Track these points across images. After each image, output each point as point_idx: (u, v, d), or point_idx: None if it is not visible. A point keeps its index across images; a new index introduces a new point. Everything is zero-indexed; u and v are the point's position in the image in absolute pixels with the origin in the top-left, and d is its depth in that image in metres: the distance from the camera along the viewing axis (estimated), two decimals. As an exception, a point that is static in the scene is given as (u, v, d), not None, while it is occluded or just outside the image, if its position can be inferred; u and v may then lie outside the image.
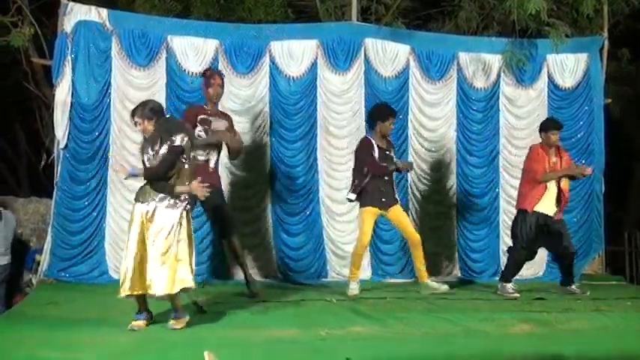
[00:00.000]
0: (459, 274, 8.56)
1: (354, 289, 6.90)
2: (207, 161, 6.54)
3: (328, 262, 8.17)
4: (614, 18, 9.49)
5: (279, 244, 8.02)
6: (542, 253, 8.62)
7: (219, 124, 6.66)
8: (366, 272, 8.16)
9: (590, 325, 5.59)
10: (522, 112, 8.85)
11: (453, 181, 8.67)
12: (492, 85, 8.79)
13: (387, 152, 7.16)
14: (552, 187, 7.20)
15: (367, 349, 4.67)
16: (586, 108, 8.93)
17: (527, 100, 8.86)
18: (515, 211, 7.47)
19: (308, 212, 8.19)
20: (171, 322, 5.05)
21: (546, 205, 7.20)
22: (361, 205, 7.03)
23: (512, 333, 5.25)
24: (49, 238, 7.45)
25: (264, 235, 8.03)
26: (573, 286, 7.35)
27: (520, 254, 7.29)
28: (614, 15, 9.33)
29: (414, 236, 7.04)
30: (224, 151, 6.87)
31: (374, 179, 6.96)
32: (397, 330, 5.20)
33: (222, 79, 6.79)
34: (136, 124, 5.22)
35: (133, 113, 5.22)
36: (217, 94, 6.73)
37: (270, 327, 5.12)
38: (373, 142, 7.08)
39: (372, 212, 6.97)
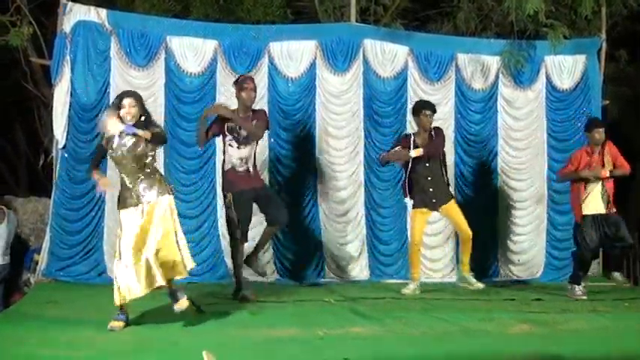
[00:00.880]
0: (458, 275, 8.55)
1: (408, 288, 7.12)
2: (247, 170, 6.43)
3: (326, 263, 8.17)
4: (612, 19, 9.50)
5: (277, 244, 8.03)
6: (541, 254, 8.66)
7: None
8: (364, 273, 8.18)
9: (588, 326, 5.59)
10: (520, 113, 8.86)
11: (450, 182, 8.64)
12: (491, 86, 8.80)
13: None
14: (593, 186, 7.16)
15: (366, 349, 4.68)
16: (584, 109, 8.95)
17: (526, 102, 8.87)
18: (513, 212, 7.47)
19: (306, 212, 8.20)
20: (178, 305, 5.08)
21: (593, 205, 7.16)
22: (412, 207, 7.30)
23: (511, 333, 5.25)
24: (47, 238, 7.46)
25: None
26: (617, 274, 7.35)
27: (585, 257, 7.21)
28: (612, 16, 9.34)
29: (466, 233, 7.21)
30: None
31: (417, 180, 7.15)
32: (396, 330, 5.21)
33: (254, 84, 6.64)
34: (123, 107, 5.12)
35: (125, 96, 5.18)
36: (250, 99, 6.54)
37: (268, 327, 5.12)
38: (412, 137, 7.24)
39: (421, 212, 7.18)
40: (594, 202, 7.18)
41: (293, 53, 8.21)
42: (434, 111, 7.28)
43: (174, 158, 7.84)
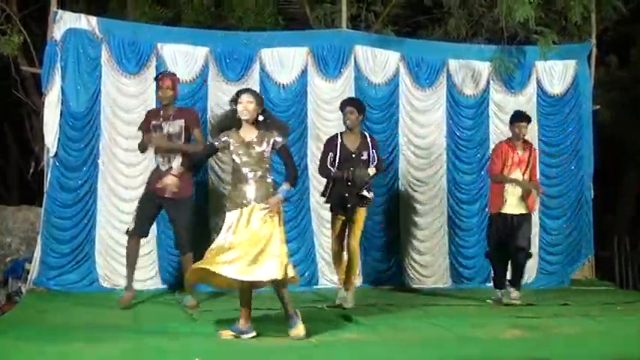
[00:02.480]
0: (450, 281, 8.57)
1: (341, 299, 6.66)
2: (169, 169, 6.30)
3: (319, 269, 8.16)
4: (603, 24, 9.55)
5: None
6: (534, 259, 8.67)
7: (172, 128, 6.56)
8: (357, 279, 8.17)
9: (580, 330, 5.61)
10: (512, 119, 8.87)
11: (443, 188, 8.68)
12: (482, 92, 8.83)
13: (354, 155, 6.69)
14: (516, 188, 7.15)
15: (358, 355, 4.68)
16: (575, 114, 8.99)
17: (517, 107, 8.84)
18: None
19: (299, 219, 8.19)
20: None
21: (511, 205, 7.15)
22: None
23: (503, 338, 5.26)
24: (38, 247, 7.41)
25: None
26: (512, 291, 7.12)
27: (493, 255, 7.34)
28: (602, 21, 9.39)
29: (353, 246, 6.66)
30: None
31: (336, 182, 6.64)
32: (388, 336, 5.21)
33: (173, 81, 6.66)
34: (241, 103, 5.11)
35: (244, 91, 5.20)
36: (166, 97, 6.59)
37: (261, 334, 5.10)
38: (339, 139, 6.77)
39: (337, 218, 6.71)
40: (514, 201, 7.15)
41: (284, 60, 8.21)
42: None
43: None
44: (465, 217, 8.68)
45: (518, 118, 7.35)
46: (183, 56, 7.91)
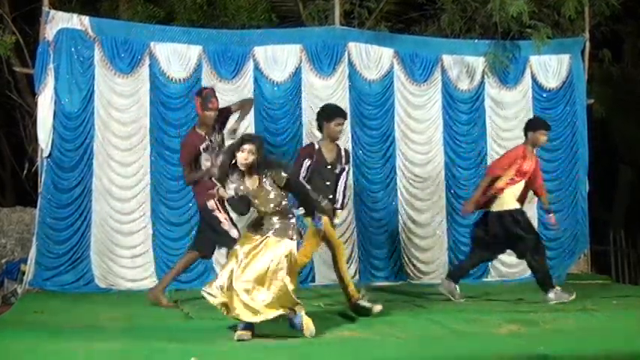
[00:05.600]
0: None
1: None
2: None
3: (316, 267, 8.15)
4: (595, 19, 9.56)
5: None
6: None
7: (218, 137, 6.49)
8: (354, 276, 8.17)
9: (576, 325, 5.61)
10: (508, 113, 8.89)
11: (441, 184, 8.68)
12: (477, 86, 8.84)
13: (330, 167, 6.24)
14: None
15: (355, 353, 4.67)
16: (570, 109, 8.99)
17: (513, 102, 8.91)
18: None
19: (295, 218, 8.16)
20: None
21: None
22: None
23: (499, 334, 5.26)
24: (33, 248, 7.41)
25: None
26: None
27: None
28: (595, 16, 9.40)
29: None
30: None
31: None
32: (385, 333, 5.20)
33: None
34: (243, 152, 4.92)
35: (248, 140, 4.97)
36: (212, 118, 6.42)
37: (257, 332, 5.09)
38: (315, 148, 6.27)
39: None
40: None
41: (278, 57, 8.20)
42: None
43: (160, 165, 7.80)
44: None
45: (544, 125, 7.06)
46: (177, 55, 7.90)
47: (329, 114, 6.34)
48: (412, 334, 5.20)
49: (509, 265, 8.68)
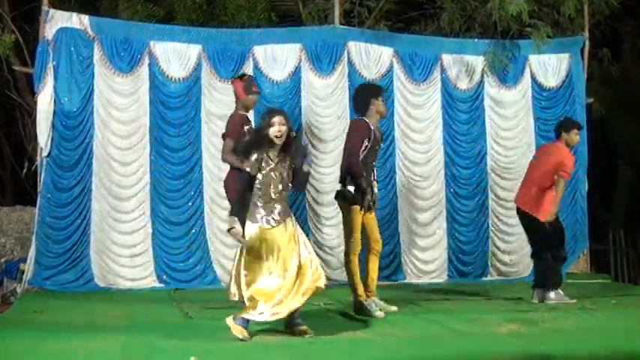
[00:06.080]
0: (448, 276, 8.57)
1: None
2: None
3: (315, 266, 8.14)
4: (595, 18, 9.56)
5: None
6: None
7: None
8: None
9: (576, 324, 5.61)
10: (508, 112, 8.89)
11: (441, 183, 8.68)
12: (476, 86, 8.83)
13: (378, 148, 6.23)
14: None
15: (355, 352, 4.67)
16: (569, 107, 8.99)
17: (513, 101, 8.90)
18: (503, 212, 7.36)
19: (296, 216, 8.16)
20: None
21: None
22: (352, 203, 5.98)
23: (499, 333, 5.26)
24: (33, 247, 7.40)
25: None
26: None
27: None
28: (594, 15, 9.40)
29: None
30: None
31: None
32: (384, 332, 5.20)
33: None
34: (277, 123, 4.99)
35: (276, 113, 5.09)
36: (255, 102, 6.70)
37: (256, 332, 5.09)
38: (371, 127, 6.01)
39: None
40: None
41: (277, 56, 8.20)
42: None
43: (160, 164, 7.80)
44: (464, 212, 8.67)
45: (577, 125, 7.08)
46: (176, 54, 7.90)
47: (377, 90, 6.29)
48: (412, 334, 5.20)
49: (509, 265, 8.69)
